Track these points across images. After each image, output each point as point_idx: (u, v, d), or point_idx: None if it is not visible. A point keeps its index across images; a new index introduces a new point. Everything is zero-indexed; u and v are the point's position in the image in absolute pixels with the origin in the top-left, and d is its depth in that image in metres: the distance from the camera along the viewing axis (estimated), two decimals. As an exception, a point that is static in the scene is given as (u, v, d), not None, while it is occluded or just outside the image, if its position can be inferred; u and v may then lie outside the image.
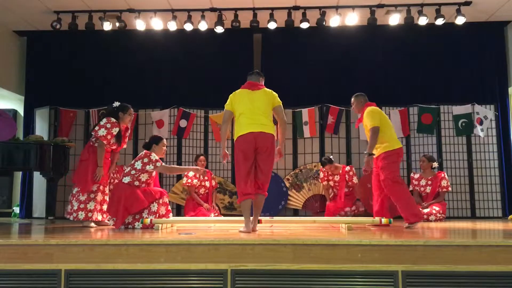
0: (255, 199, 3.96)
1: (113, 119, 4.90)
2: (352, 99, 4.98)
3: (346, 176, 6.29)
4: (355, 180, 6.34)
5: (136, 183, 4.53)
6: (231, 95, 4.12)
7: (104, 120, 4.90)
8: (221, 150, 4.16)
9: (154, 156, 4.60)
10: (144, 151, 4.67)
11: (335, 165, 6.38)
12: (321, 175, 6.46)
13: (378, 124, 4.56)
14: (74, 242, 3.05)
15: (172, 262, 2.95)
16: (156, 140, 4.78)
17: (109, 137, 4.85)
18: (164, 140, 4.85)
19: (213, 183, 6.38)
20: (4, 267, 2.99)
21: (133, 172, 4.52)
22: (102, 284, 2.94)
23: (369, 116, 4.63)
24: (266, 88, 4.12)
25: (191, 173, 6.12)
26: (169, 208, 4.67)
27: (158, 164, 4.58)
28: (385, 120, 4.70)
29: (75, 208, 4.83)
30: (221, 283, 2.89)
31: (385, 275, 2.86)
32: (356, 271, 2.88)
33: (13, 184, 7.64)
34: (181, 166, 5.30)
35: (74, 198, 4.88)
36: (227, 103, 4.11)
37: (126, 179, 4.51)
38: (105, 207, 4.91)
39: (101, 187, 4.91)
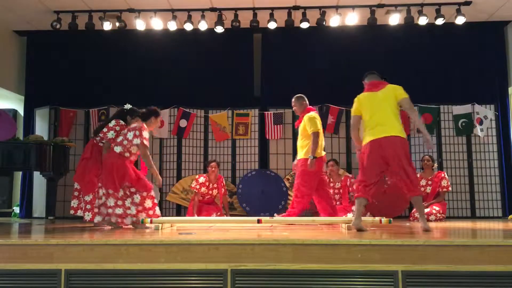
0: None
1: (122, 122, 4.92)
2: (293, 101, 5.34)
3: (350, 188, 6.08)
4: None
5: (127, 154, 4.56)
6: (355, 99, 4.18)
7: (113, 122, 4.90)
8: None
9: (146, 134, 4.58)
10: (141, 123, 4.63)
11: (339, 168, 6.32)
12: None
13: (319, 129, 5.07)
14: (74, 242, 3.06)
15: (172, 262, 2.95)
16: (156, 113, 4.77)
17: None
18: (161, 116, 4.92)
19: (222, 190, 6.26)
20: (4, 267, 2.99)
21: (125, 142, 4.55)
22: (102, 284, 2.95)
23: (311, 122, 5.06)
24: (389, 84, 4.13)
25: (201, 179, 6.07)
26: (156, 201, 4.59)
27: (146, 142, 4.51)
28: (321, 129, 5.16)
29: (82, 206, 4.87)
30: (221, 283, 2.89)
31: (385, 275, 2.86)
32: (356, 271, 2.88)
33: (13, 184, 7.64)
34: (153, 165, 4.84)
35: (78, 197, 4.90)
36: (353, 108, 4.18)
37: (118, 149, 4.54)
38: None
39: None
